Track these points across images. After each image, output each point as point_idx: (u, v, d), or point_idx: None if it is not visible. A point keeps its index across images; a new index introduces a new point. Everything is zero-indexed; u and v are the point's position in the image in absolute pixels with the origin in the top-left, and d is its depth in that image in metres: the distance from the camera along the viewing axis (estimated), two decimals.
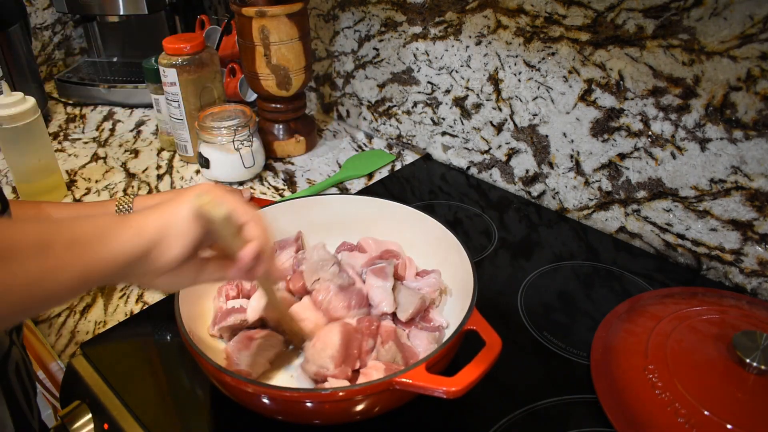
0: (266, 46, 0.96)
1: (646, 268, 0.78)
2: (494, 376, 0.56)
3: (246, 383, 0.50)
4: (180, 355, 0.66)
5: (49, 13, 1.43)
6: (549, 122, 0.86)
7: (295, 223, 0.75)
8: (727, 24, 0.64)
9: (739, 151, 0.68)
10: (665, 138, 0.74)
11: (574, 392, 0.60)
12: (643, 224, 0.81)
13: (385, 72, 1.07)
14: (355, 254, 0.70)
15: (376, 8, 1.02)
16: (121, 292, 0.76)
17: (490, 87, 0.91)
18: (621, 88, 0.76)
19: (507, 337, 0.53)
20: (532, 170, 0.91)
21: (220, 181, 1.00)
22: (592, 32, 0.76)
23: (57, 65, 1.49)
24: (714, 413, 0.52)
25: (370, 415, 0.54)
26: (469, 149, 0.99)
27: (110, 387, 0.62)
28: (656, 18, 0.69)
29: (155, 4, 1.26)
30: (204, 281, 0.47)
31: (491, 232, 0.86)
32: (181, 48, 0.97)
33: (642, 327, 0.63)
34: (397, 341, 0.59)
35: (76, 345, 0.69)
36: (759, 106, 0.65)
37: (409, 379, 0.49)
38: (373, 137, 1.15)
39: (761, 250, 0.70)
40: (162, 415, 0.59)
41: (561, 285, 0.75)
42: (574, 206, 0.88)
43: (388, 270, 0.65)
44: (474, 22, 0.88)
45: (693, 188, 0.74)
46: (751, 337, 0.57)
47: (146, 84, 1.08)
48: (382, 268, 0.65)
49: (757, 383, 0.54)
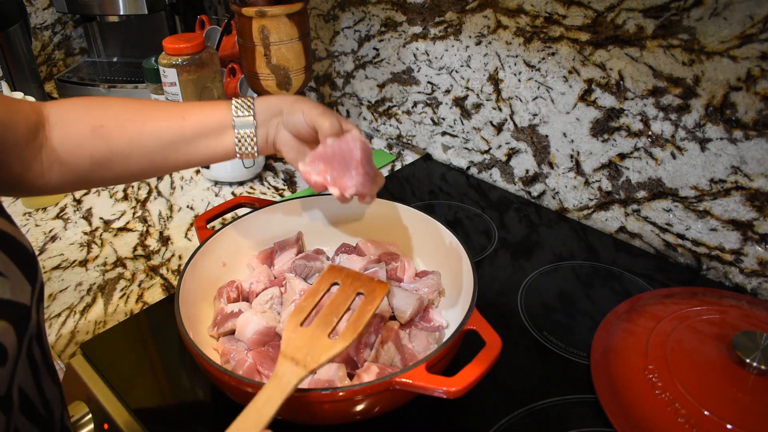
0: (266, 46, 0.96)
1: (646, 268, 0.78)
2: (494, 376, 0.56)
3: (246, 383, 0.50)
4: (180, 355, 0.66)
5: (49, 13, 1.43)
6: (549, 122, 0.86)
7: (295, 224, 0.75)
8: (727, 24, 0.64)
9: (739, 151, 0.68)
10: (665, 138, 0.74)
11: (574, 392, 0.60)
12: (643, 224, 0.81)
13: (385, 72, 1.07)
14: (352, 257, 0.70)
15: (376, 8, 1.02)
16: (121, 292, 0.76)
17: (490, 87, 0.91)
18: (621, 88, 0.76)
19: (507, 337, 0.53)
20: (532, 170, 0.91)
21: (219, 181, 1.00)
22: (592, 32, 0.76)
23: (57, 65, 1.49)
24: (714, 413, 0.52)
25: (371, 415, 0.54)
26: (469, 149, 0.99)
27: (110, 387, 0.62)
28: (656, 18, 0.69)
29: (155, 4, 1.26)
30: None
31: (491, 232, 0.86)
32: (181, 48, 0.97)
33: (642, 327, 0.63)
34: (397, 343, 0.59)
35: (76, 345, 0.69)
36: (759, 106, 0.65)
37: (409, 379, 0.49)
38: (373, 137, 1.15)
39: (761, 250, 0.70)
40: (162, 415, 0.59)
41: (561, 285, 0.75)
42: (574, 206, 0.88)
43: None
44: (474, 22, 0.88)
45: (693, 188, 0.74)
46: (751, 337, 0.57)
47: (146, 84, 1.08)
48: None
49: (757, 383, 0.54)
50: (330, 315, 0.52)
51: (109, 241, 0.86)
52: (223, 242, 0.70)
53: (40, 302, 0.43)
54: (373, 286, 0.56)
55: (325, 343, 0.50)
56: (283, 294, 0.66)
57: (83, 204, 0.96)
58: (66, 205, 0.95)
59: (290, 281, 0.65)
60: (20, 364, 0.39)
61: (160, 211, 0.93)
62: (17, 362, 0.38)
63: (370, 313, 0.53)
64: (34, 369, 0.42)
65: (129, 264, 0.81)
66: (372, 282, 0.56)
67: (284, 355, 0.49)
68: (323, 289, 0.56)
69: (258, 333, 0.61)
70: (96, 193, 0.99)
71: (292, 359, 0.48)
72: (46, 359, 0.45)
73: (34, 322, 0.41)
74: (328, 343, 0.50)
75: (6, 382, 0.37)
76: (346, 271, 0.58)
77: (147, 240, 0.86)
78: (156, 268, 0.80)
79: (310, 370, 0.47)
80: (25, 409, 0.40)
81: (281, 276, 0.69)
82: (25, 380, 0.40)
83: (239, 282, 0.68)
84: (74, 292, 0.77)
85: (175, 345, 0.67)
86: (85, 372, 0.64)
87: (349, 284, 0.56)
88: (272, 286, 0.68)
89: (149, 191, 0.99)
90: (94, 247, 0.85)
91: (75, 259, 0.83)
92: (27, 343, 0.40)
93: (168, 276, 0.79)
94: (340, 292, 0.55)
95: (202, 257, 0.66)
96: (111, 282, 0.78)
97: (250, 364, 0.57)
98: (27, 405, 0.40)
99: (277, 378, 0.46)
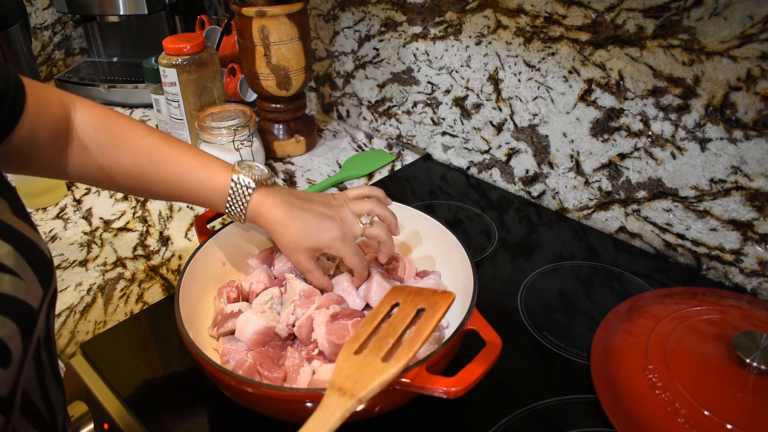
0: (266, 46, 0.96)
1: (646, 268, 0.78)
2: (494, 376, 0.56)
3: (246, 383, 0.50)
4: (180, 355, 0.66)
5: (49, 13, 1.43)
6: (549, 122, 0.86)
7: None
8: (727, 24, 0.64)
9: (739, 151, 0.68)
10: (665, 138, 0.74)
11: (574, 392, 0.60)
12: (643, 224, 0.81)
13: (385, 72, 1.07)
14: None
15: (376, 8, 1.02)
16: (121, 292, 0.76)
17: (490, 87, 0.91)
18: (621, 88, 0.76)
19: (507, 337, 0.53)
20: (532, 170, 0.91)
21: None
22: (592, 32, 0.76)
23: (57, 65, 1.48)
24: (714, 413, 0.52)
25: (371, 415, 0.54)
26: (469, 149, 0.99)
27: (110, 387, 0.62)
28: (656, 18, 0.69)
29: (155, 4, 1.27)
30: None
31: (491, 232, 0.86)
32: (181, 48, 0.97)
33: (642, 327, 0.63)
34: None
35: (76, 345, 0.69)
36: (759, 106, 0.65)
37: (409, 379, 0.49)
38: (373, 137, 1.15)
39: (761, 250, 0.70)
40: (162, 415, 0.59)
41: (561, 285, 0.75)
42: (574, 206, 0.88)
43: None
44: (474, 22, 0.88)
45: (693, 188, 0.74)
46: (751, 337, 0.57)
47: (146, 84, 1.08)
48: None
49: (757, 383, 0.54)
50: (386, 337, 0.47)
51: (109, 241, 0.86)
52: (223, 242, 0.70)
53: (51, 308, 0.44)
54: (435, 298, 0.50)
55: (376, 367, 0.45)
56: (283, 294, 0.66)
57: (83, 204, 0.96)
58: (66, 205, 0.95)
59: (290, 281, 0.65)
60: (26, 367, 0.39)
61: (160, 211, 0.93)
62: (22, 365, 0.38)
63: (429, 328, 0.47)
64: (41, 374, 0.42)
65: (129, 264, 0.81)
66: (434, 294, 0.51)
67: (332, 387, 0.44)
68: (383, 312, 0.51)
69: (258, 333, 0.61)
70: (96, 193, 0.99)
71: (339, 390, 0.43)
72: (53, 365, 0.45)
73: (42, 327, 0.41)
74: (380, 366, 0.45)
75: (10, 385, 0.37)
76: (408, 289, 0.53)
77: (147, 240, 0.86)
78: (156, 268, 0.80)
79: (357, 399, 0.42)
80: (26, 412, 0.40)
81: (281, 276, 0.69)
82: (30, 384, 0.40)
83: (239, 282, 0.68)
84: (74, 292, 0.77)
85: (175, 345, 0.67)
86: (85, 372, 0.64)
87: (410, 301, 0.50)
88: (272, 286, 0.68)
89: None
90: (94, 247, 0.85)
91: (75, 259, 0.83)
92: (34, 346, 0.40)
93: (168, 276, 0.79)
94: (399, 311, 0.50)
95: (202, 257, 0.66)
96: (111, 282, 0.78)
97: (249, 364, 0.57)
98: (29, 408, 0.40)
99: (322, 410, 0.42)
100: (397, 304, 0.51)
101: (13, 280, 0.38)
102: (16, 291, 0.38)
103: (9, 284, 0.37)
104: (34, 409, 0.41)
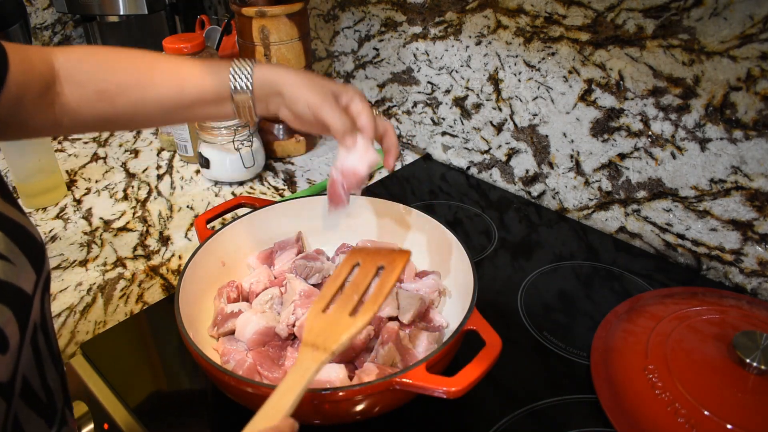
0: (266, 46, 0.96)
1: (646, 268, 0.78)
2: (494, 376, 0.56)
3: (246, 383, 0.50)
4: (180, 355, 0.66)
5: (49, 13, 1.43)
6: (549, 122, 0.86)
7: (295, 224, 0.75)
8: (727, 24, 0.64)
9: (739, 151, 0.68)
10: (665, 138, 0.74)
11: (574, 392, 0.60)
12: (643, 224, 0.81)
13: (385, 72, 1.07)
14: None
15: (376, 8, 1.02)
16: (121, 292, 0.76)
17: (490, 87, 0.91)
18: (621, 88, 0.76)
19: (507, 337, 0.53)
20: (532, 170, 0.91)
21: (219, 181, 1.00)
22: (592, 32, 0.76)
23: None
24: (714, 413, 0.52)
25: (371, 415, 0.54)
26: (469, 149, 0.99)
27: (110, 387, 0.62)
28: (656, 18, 0.69)
29: (155, 4, 1.26)
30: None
31: (491, 232, 0.86)
32: (181, 48, 0.97)
33: (642, 327, 0.63)
34: (397, 344, 0.59)
35: (76, 345, 0.69)
36: (759, 106, 0.65)
37: (410, 379, 0.49)
38: None
39: (761, 250, 0.70)
40: (162, 416, 0.59)
41: (561, 285, 0.75)
42: (574, 206, 0.88)
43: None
44: (474, 22, 0.88)
45: (693, 188, 0.74)
46: (751, 337, 0.57)
47: None
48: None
49: (757, 383, 0.54)
50: (351, 295, 0.51)
51: (109, 241, 0.86)
52: (223, 242, 0.70)
53: (45, 291, 0.44)
54: (393, 257, 0.55)
55: (345, 322, 0.49)
56: (283, 294, 0.66)
57: (83, 204, 0.96)
58: (66, 205, 0.95)
59: (290, 281, 0.65)
60: (24, 352, 0.39)
61: (160, 211, 0.93)
62: (21, 350, 0.38)
63: (390, 284, 0.51)
64: (38, 358, 0.42)
65: (129, 264, 0.81)
66: (392, 253, 0.56)
67: (305, 343, 0.47)
68: (345, 272, 0.55)
69: (258, 333, 0.61)
70: (96, 193, 0.99)
71: (312, 345, 0.47)
72: (50, 348, 0.45)
73: (37, 311, 0.42)
74: (348, 321, 0.49)
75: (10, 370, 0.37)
76: (366, 249, 0.58)
77: (147, 240, 0.86)
78: (156, 268, 0.80)
79: (330, 352, 0.46)
80: (25, 396, 0.40)
81: (281, 276, 0.69)
82: (28, 368, 0.41)
83: (239, 282, 0.68)
84: (74, 292, 0.77)
85: (175, 345, 0.67)
86: (85, 372, 0.64)
87: (370, 261, 0.55)
88: (272, 286, 0.68)
89: (149, 191, 0.99)
90: (94, 247, 0.85)
91: (75, 259, 0.83)
92: (31, 331, 0.40)
93: (168, 276, 0.79)
94: (361, 271, 0.54)
95: (202, 257, 0.66)
96: (111, 282, 0.78)
97: (249, 364, 0.57)
98: (28, 392, 0.40)
99: (297, 366, 0.45)
100: (358, 264, 0.56)
101: (5, 266, 0.38)
102: (9, 276, 0.38)
103: (1, 270, 0.37)
104: (33, 393, 0.41)
